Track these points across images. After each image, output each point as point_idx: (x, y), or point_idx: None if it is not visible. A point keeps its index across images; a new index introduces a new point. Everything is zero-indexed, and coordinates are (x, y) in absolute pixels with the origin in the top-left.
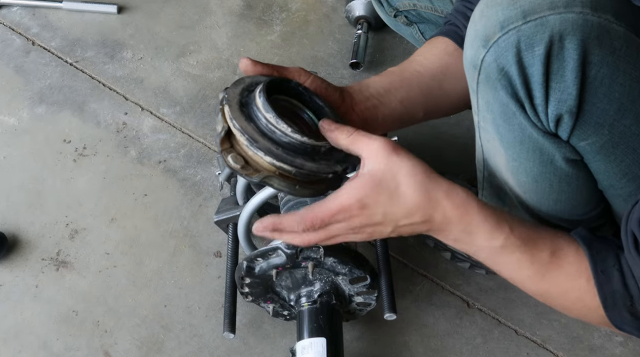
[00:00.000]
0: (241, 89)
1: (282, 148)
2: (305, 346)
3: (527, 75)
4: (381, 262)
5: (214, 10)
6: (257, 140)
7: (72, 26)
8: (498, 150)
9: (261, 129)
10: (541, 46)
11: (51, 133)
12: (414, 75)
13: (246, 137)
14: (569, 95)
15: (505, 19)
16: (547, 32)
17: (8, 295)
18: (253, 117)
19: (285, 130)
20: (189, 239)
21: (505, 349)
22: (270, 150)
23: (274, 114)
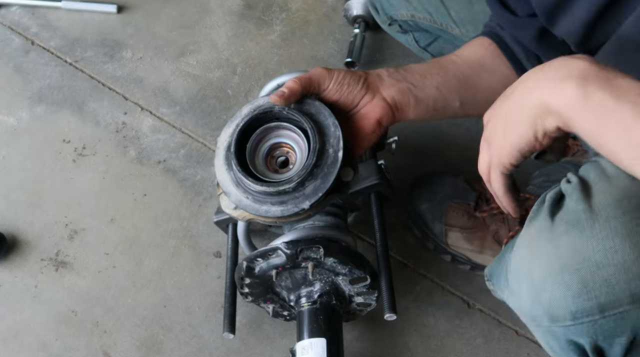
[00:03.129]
0: (232, 131)
1: (252, 196)
2: (305, 346)
3: (604, 353)
4: (381, 262)
5: (214, 10)
6: (230, 193)
7: (72, 26)
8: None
9: (236, 179)
10: (623, 337)
11: (50, 133)
12: (450, 64)
13: (223, 191)
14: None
15: (578, 309)
16: (629, 326)
17: (7, 295)
18: (232, 167)
19: (250, 184)
20: (189, 239)
21: (505, 350)
22: (241, 201)
23: (239, 169)
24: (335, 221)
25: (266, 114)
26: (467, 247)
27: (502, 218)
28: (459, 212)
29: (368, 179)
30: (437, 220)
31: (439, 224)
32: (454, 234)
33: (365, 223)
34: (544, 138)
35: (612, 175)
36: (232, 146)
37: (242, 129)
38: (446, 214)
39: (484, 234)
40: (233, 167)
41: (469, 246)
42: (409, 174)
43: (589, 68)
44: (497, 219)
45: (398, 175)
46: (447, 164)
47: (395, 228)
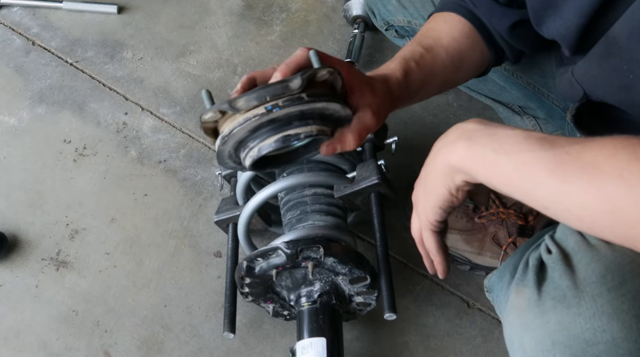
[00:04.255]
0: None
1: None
2: (305, 345)
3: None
4: (381, 262)
5: (214, 10)
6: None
7: (72, 26)
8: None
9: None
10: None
11: (51, 133)
12: (438, 63)
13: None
14: None
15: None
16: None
17: (8, 295)
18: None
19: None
20: (189, 239)
21: (505, 350)
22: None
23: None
24: (335, 221)
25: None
26: (466, 249)
27: (501, 220)
28: (458, 215)
29: (368, 179)
30: None
31: None
32: (453, 236)
33: (365, 223)
34: (458, 192)
35: (592, 244)
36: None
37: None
38: None
39: (482, 236)
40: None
41: (468, 248)
42: (409, 174)
43: (476, 128)
44: (496, 222)
45: (398, 176)
46: None
47: (395, 228)
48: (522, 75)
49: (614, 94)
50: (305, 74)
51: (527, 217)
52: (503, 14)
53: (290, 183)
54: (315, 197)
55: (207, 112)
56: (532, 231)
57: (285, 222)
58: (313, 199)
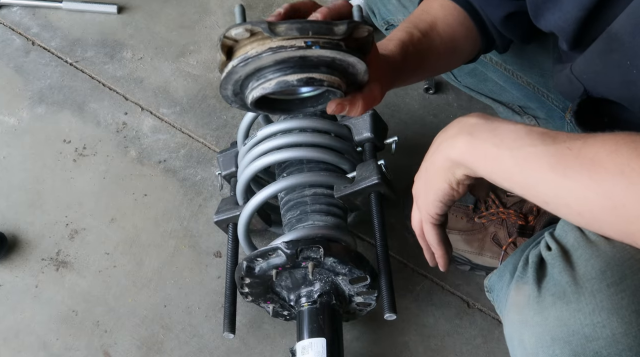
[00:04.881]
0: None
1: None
2: (305, 346)
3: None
4: (381, 262)
5: (214, 10)
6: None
7: (72, 26)
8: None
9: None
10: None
11: (51, 133)
12: (432, 49)
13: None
14: None
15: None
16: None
17: (8, 295)
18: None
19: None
20: (189, 239)
21: (505, 350)
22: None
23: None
24: (335, 221)
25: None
26: (466, 249)
27: (501, 221)
28: (458, 215)
29: (368, 179)
30: None
31: None
32: (453, 236)
33: (365, 223)
34: (459, 186)
35: (592, 240)
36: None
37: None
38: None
39: (482, 236)
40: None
41: (468, 248)
42: (409, 174)
43: (477, 122)
44: (495, 222)
45: (398, 176)
46: None
47: (395, 228)
48: (521, 75)
49: (616, 89)
50: (351, 23)
51: (527, 217)
52: (498, 4)
53: (290, 183)
54: (315, 197)
55: (237, 27)
56: (532, 231)
57: (285, 222)
58: (313, 199)
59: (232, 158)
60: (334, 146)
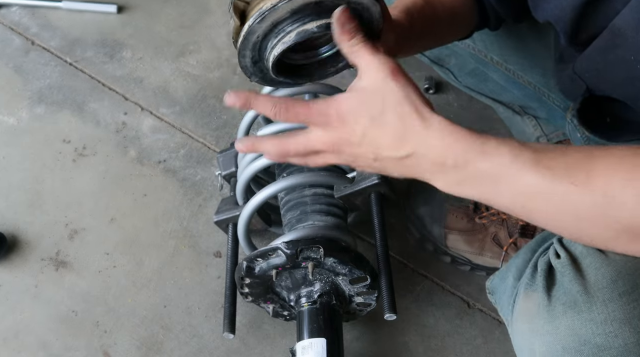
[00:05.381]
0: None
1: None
2: (305, 346)
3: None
4: (381, 262)
5: (213, 10)
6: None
7: (72, 26)
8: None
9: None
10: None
11: (50, 133)
12: (435, 17)
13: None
14: None
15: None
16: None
17: (7, 295)
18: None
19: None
20: (189, 239)
21: (505, 350)
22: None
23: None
24: (335, 221)
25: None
26: (466, 249)
27: (501, 221)
28: (458, 215)
29: (368, 179)
30: (436, 223)
31: (438, 227)
32: (454, 236)
33: (365, 223)
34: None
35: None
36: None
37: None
38: (445, 217)
39: (483, 236)
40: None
41: (469, 248)
42: None
43: (456, 163)
44: (496, 222)
45: None
46: None
47: (395, 228)
48: (522, 75)
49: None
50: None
51: None
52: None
53: (290, 183)
54: (315, 197)
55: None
56: (534, 231)
57: (285, 222)
58: (313, 199)
59: (232, 158)
60: None
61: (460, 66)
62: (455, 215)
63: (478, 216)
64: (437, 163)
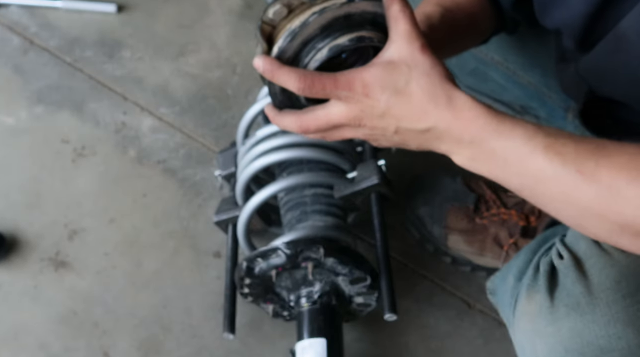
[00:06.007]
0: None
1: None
2: (305, 346)
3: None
4: (381, 262)
5: (213, 10)
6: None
7: (71, 25)
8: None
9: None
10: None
11: (50, 133)
12: (456, 23)
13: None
14: None
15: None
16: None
17: (6, 296)
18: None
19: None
20: (189, 239)
21: (506, 350)
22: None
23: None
24: (335, 221)
25: None
26: (467, 249)
27: (502, 221)
28: (459, 216)
29: (368, 179)
30: (436, 223)
31: (439, 227)
32: (454, 237)
33: (365, 223)
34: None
35: (605, 249)
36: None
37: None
38: (446, 217)
39: (483, 237)
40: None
41: (469, 248)
42: (409, 174)
43: (473, 139)
44: (497, 222)
45: (398, 176)
46: (446, 164)
47: (395, 228)
48: (523, 74)
49: (623, 89)
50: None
51: (529, 218)
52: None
53: (290, 183)
54: (315, 197)
55: (276, 3)
56: (535, 232)
57: (285, 223)
58: (313, 199)
59: (232, 158)
60: (334, 146)
61: (461, 66)
62: (456, 215)
63: (479, 217)
64: (455, 138)
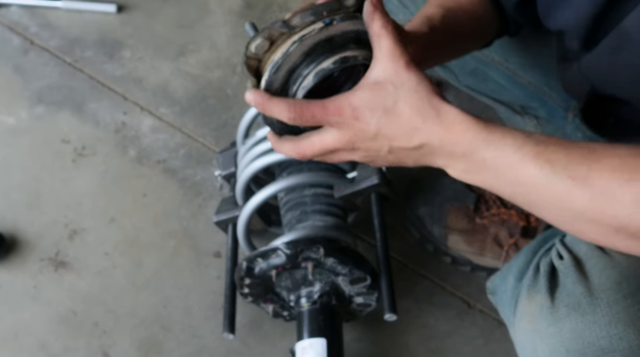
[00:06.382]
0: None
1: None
2: (305, 346)
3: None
4: (381, 262)
5: (213, 10)
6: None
7: (71, 25)
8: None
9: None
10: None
11: (50, 133)
12: (458, 24)
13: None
14: None
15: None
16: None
17: (6, 296)
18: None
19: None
20: (189, 239)
21: (506, 350)
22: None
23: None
24: (335, 221)
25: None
26: (467, 249)
27: (502, 221)
28: (459, 216)
29: (368, 179)
30: (436, 223)
31: (439, 227)
32: (454, 237)
33: (365, 223)
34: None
35: (605, 250)
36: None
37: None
38: (446, 217)
39: (483, 237)
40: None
41: (469, 248)
42: (409, 174)
43: (465, 152)
44: (497, 222)
45: (398, 176)
46: None
47: (395, 228)
48: (523, 74)
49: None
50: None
51: (529, 218)
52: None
53: (290, 183)
54: (315, 197)
55: (255, 38)
56: (535, 232)
57: (285, 223)
58: (313, 199)
59: (232, 158)
60: None
61: (461, 66)
62: (456, 215)
63: (479, 216)
64: (448, 152)
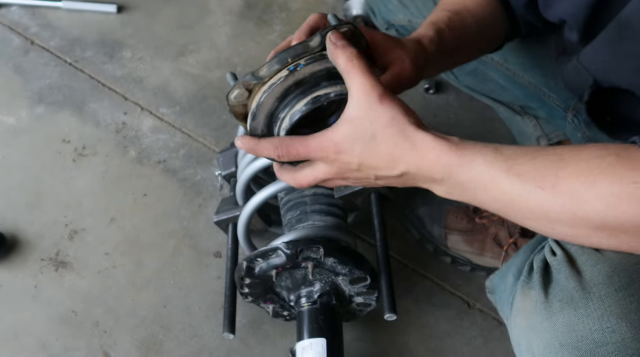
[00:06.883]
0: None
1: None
2: (305, 346)
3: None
4: (381, 262)
5: (213, 10)
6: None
7: (72, 26)
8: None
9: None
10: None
11: (50, 133)
12: (466, 27)
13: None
14: None
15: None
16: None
17: (7, 296)
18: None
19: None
20: (189, 239)
21: (506, 350)
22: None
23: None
24: (335, 221)
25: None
26: (467, 249)
27: (502, 221)
28: (458, 215)
29: None
30: (436, 223)
31: (438, 227)
32: (454, 237)
33: (365, 223)
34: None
35: None
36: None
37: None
38: (445, 217)
39: (483, 236)
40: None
41: (469, 248)
42: None
43: (443, 177)
44: (496, 222)
45: None
46: None
47: (395, 228)
48: (523, 75)
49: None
50: (323, 32)
51: None
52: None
53: None
54: (315, 197)
55: (233, 89)
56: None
57: (285, 223)
58: (313, 199)
59: (232, 158)
60: None
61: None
62: (455, 215)
63: (478, 216)
64: (427, 178)
